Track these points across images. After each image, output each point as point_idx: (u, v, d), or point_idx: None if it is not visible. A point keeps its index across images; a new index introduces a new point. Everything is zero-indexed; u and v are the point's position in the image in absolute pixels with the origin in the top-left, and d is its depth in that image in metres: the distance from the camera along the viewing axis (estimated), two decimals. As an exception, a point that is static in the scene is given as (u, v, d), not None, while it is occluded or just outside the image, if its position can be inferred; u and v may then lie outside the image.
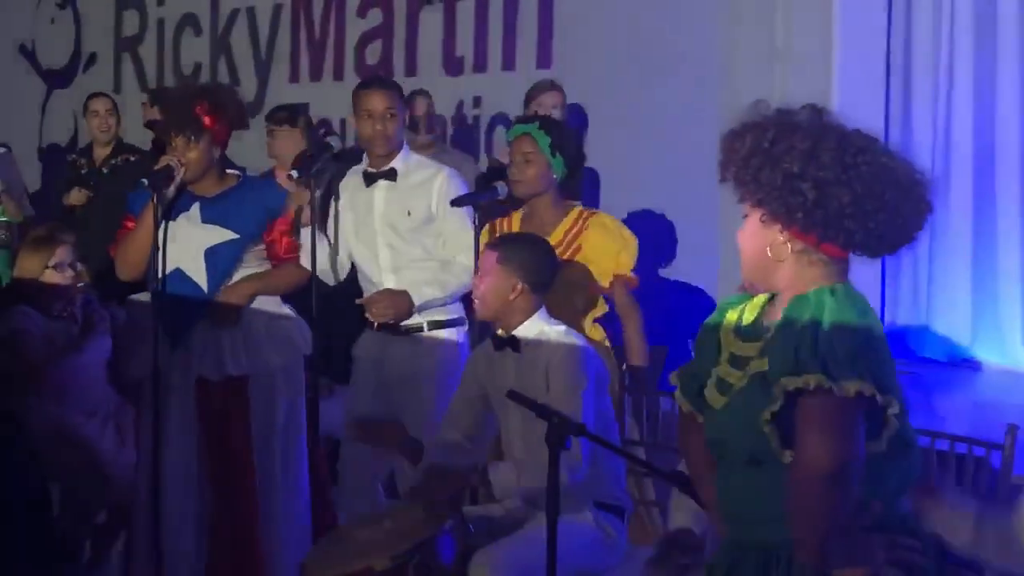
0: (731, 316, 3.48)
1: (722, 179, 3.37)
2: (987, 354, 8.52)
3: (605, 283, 5.90)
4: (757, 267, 3.39)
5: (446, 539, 4.59)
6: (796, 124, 3.29)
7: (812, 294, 3.26)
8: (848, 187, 3.22)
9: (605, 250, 5.84)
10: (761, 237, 3.34)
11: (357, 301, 5.70)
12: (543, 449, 3.99)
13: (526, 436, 4.44)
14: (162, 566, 5.71)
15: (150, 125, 9.16)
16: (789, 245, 3.29)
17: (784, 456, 3.23)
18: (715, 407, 3.42)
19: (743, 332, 3.43)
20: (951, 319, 8.57)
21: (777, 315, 3.35)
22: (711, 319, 3.54)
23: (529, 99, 7.64)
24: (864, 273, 3.73)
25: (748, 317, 3.44)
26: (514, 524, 4.69)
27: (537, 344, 4.84)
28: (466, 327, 5.79)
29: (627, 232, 6.08)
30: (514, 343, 4.85)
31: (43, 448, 6.31)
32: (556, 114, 7.35)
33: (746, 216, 3.39)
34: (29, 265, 6.54)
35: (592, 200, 7.53)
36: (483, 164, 9.17)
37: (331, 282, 5.74)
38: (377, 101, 5.78)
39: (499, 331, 4.94)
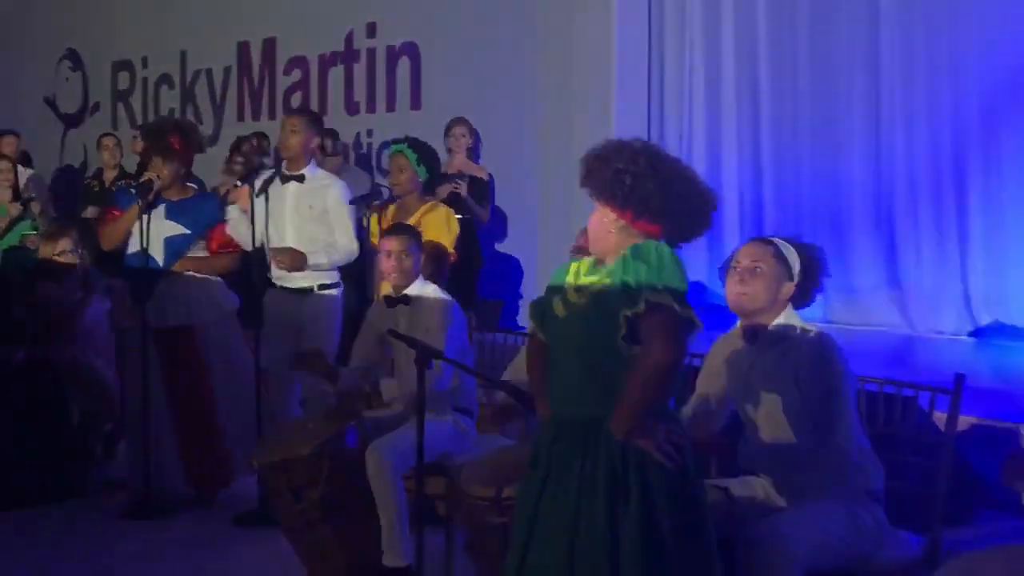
0: (573, 267, 3.42)
1: (582, 185, 3.38)
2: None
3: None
4: (597, 238, 3.35)
5: (351, 433, 4.62)
6: (630, 146, 3.30)
7: (647, 243, 3.26)
8: (654, 183, 3.24)
9: (438, 232, 5.94)
10: (601, 217, 3.32)
11: (271, 251, 5.71)
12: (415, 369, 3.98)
13: (407, 362, 4.41)
14: (149, 457, 5.76)
15: (139, 153, 9.11)
16: (617, 223, 3.29)
17: (630, 350, 3.18)
18: (560, 316, 3.34)
19: (584, 273, 3.36)
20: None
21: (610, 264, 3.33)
22: (559, 269, 3.49)
23: (448, 129, 7.72)
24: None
25: (585, 267, 3.37)
26: (398, 422, 4.68)
27: (419, 299, 4.88)
28: (341, 289, 5.86)
29: (454, 222, 6.19)
30: (406, 299, 4.90)
31: (66, 380, 6.36)
32: (466, 139, 7.52)
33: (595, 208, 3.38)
34: (44, 252, 6.71)
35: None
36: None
37: (248, 248, 5.80)
38: (287, 123, 5.87)
39: (390, 292, 4.98)
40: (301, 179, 5.76)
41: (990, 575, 3.06)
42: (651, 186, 3.25)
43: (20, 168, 9.35)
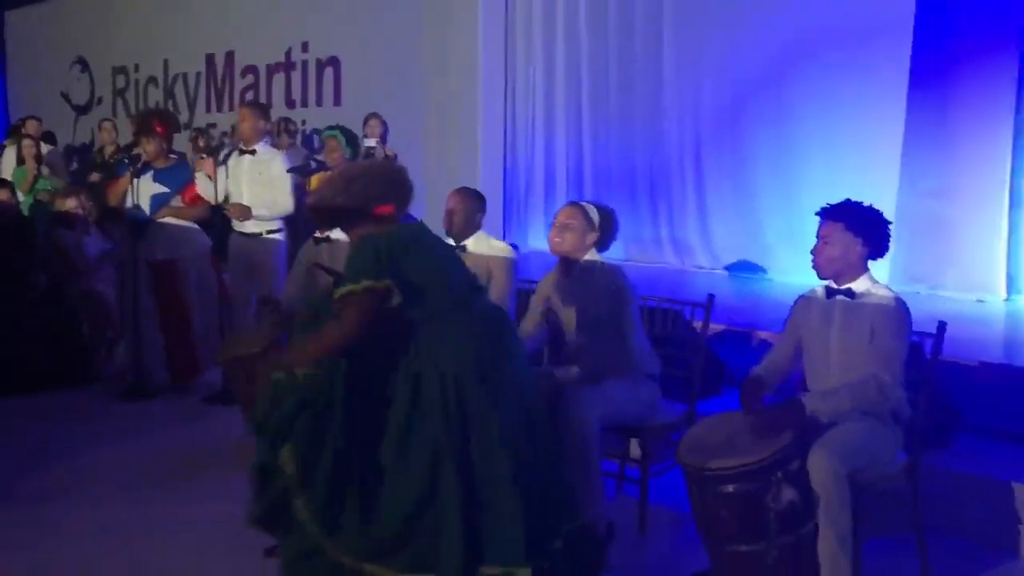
0: None
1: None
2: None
3: None
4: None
5: (284, 338, 4.54)
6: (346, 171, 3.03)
7: (360, 237, 2.89)
8: (370, 178, 2.94)
9: None
10: None
11: (225, 207, 5.61)
12: None
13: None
14: (140, 355, 5.64)
15: (133, 134, 8.80)
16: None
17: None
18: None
19: None
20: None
21: None
22: None
23: (365, 120, 7.48)
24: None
25: None
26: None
27: (337, 240, 4.66)
28: (285, 233, 5.75)
29: None
30: (328, 239, 4.79)
31: (77, 301, 6.16)
32: (378, 128, 7.32)
33: None
34: (60, 207, 6.50)
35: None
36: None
37: (213, 203, 5.67)
38: (243, 113, 5.72)
39: (317, 234, 4.89)
40: (253, 153, 5.64)
41: (717, 428, 3.22)
42: (366, 182, 2.93)
43: (43, 145, 9.10)
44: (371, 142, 7.17)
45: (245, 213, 5.51)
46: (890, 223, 3.27)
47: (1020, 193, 6.01)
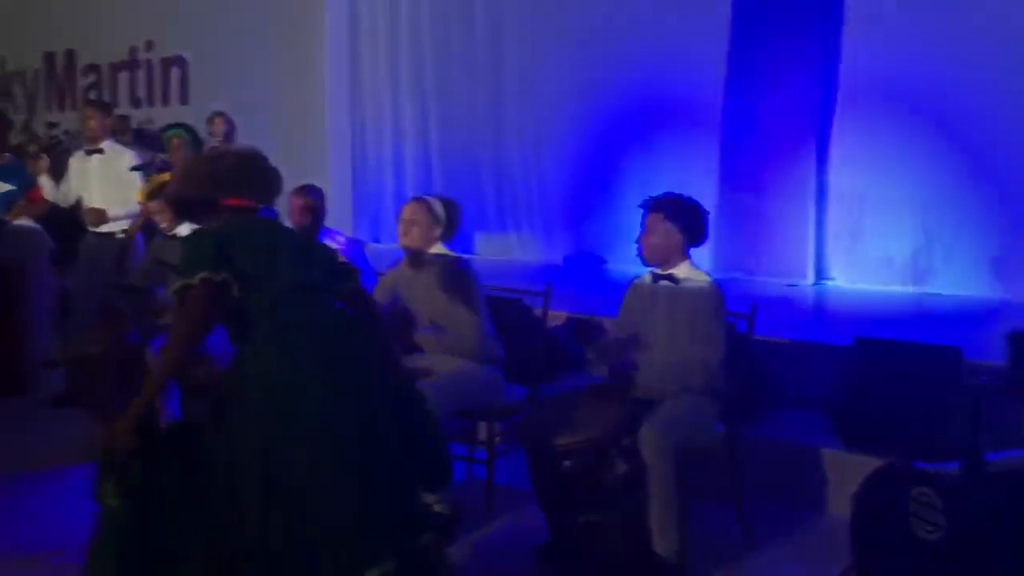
0: None
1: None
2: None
3: None
4: None
5: (132, 335, 4.35)
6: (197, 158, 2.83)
7: (193, 231, 2.65)
8: (227, 168, 2.64)
9: None
10: None
11: (84, 210, 5.34)
12: None
13: None
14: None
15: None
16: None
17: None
18: None
19: None
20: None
21: None
22: None
23: (210, 119, 7.23)
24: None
25: None
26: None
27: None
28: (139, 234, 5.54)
29: None
30: (175, 236, 4.56)
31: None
32: (223, 127, 7.07)
33: None
34: None
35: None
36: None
37: (64, 205, 5.39)
38: (86, 112, 5.47)
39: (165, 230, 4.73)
40: (101, 151, 5.38)
41: (556, 409, 3.29)
42: (225, 172, 2.63)
43: None
44: (215, 141, 6.97)
45: (101, 217, 5.26)
46: (707, 213, 3.43)
47: (826, 188, 6.39)
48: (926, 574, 2.63)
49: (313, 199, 4.49)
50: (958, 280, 5.95)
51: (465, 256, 3.90)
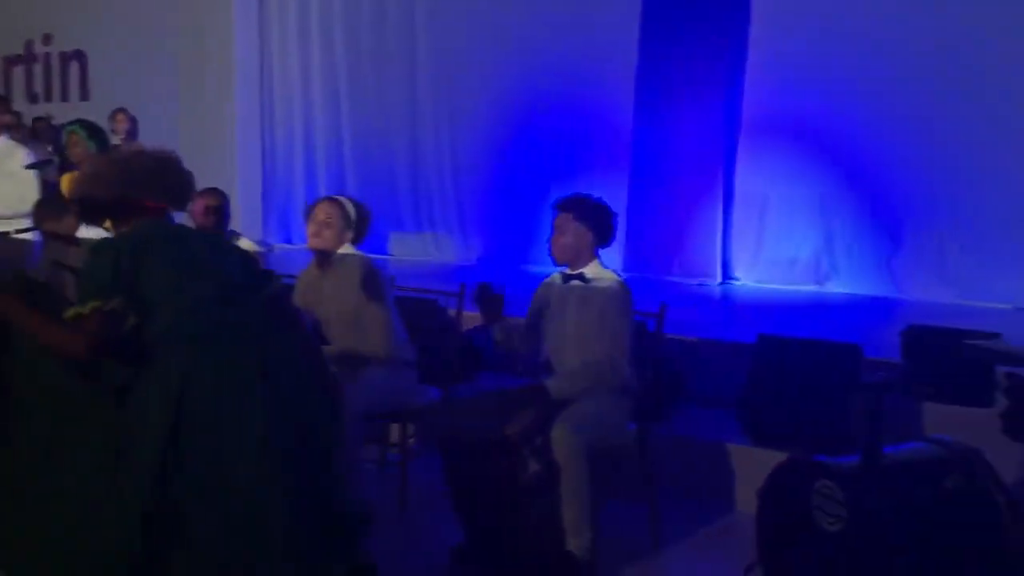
0: None
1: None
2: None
3: None
4: None
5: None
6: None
7: (96, 242, 2.44)
8: (139, 167, 2.48)
9: None
10: None
11: None
12: None
13: None
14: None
15: None
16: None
17: None
18: None
19: None
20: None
21: None
22: None
23: (112, 115, 6.97)
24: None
25: None
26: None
27: (86, 238, 4.33)
28: (38, 232, 5.30)
29: None
30: (77, 241, 4.36)
31: None
32: (125, 124, 6.82)
33: None
34: None
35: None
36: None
37: None
38: None
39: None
40: None
41: (471, 409, 3.28)
42: (144, 174, 2.50)
43: None
44: (118, 140, 6.74)
45: None
46: (616, 214, 3.48)
47: (732, 192, 6.56)
48: (828, 564, 2.69)
49: (216, 201, 4.37)
50: (856, 280, 6.19)
51: (377, 257, 3.86)
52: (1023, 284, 5.51)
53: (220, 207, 4.41)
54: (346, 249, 3.67)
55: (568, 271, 3.45)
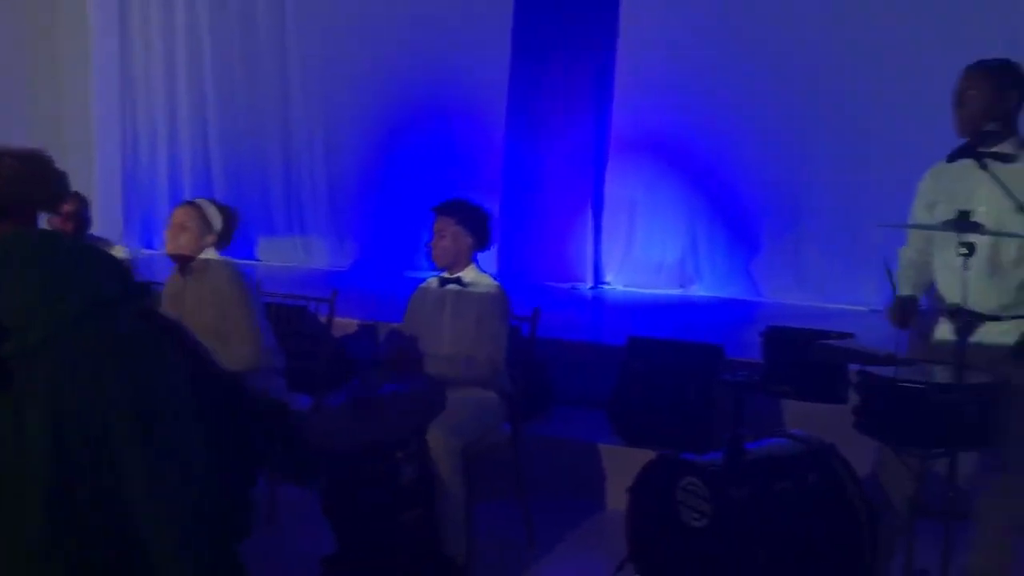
0: None
1: None
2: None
3: None
4: None
5: None
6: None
7: None
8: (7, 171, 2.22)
9: None
10: None
11: None
12: None
13: None
14: None
15: None
16: None
17: None
18: None
19: None
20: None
21: None
22: None
23: None
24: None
25: None
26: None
27: None
28: None
29: None
30: None
31: None
32: None
33: None
34: None
35: None
36: None
37: None
38: None
39: None
40: None
41: (341, 416, 3.20)
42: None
43: None
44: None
45: None
46: (493, 218, 3.53)
47: (602, 198, 6.70)
48: (693, 559, 2.77)
49: (75, 206, 4.15)
50: (719, 283, 6.44)
51: (246, 262, 3.74)
52: (875, 286, 5.74)
53: (79, 212, 4.20)
54: (209, 254, 3.54)
55: (446, 275, 3.46)
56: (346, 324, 4.77)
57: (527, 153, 6.76)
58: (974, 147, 2.73)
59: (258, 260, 7.49)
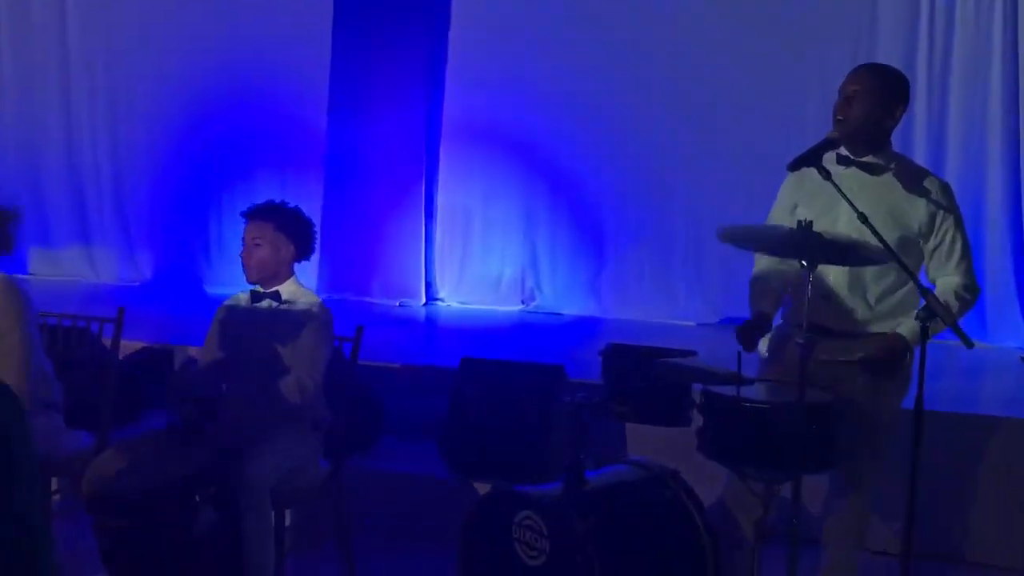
0: None
1: None
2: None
3: None
4: None
5: None
6: None
7: None
8: None
9: None
10: None
11: None
12: None
13: None
14: None
15: None
16: None
17: None
18: None
19: None
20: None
21: None
22: None
23: None
24: None
25: None
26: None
27: None
28: None
29: None
30: None
31: None
32: None
33: None
34: None
35: None
36: None
37: None
38: None
39: None
40: None
41: (129, 454, 3.07)
42: None
43: None
44: None
45: None
46: (315, 225, 3.46)
47: (435, 206, 6.71)
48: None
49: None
50: (562, 299, 6.55)
51: (16, 277, 3.50)
52: (730, 299, 5.95)
53: None
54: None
55: (259, 289, 3.36)
56: (135, 348, 4.59)
57: (351, 150, 6.69)
58: (848, 156, 2.81)
59: (30, 274, 7.09)
